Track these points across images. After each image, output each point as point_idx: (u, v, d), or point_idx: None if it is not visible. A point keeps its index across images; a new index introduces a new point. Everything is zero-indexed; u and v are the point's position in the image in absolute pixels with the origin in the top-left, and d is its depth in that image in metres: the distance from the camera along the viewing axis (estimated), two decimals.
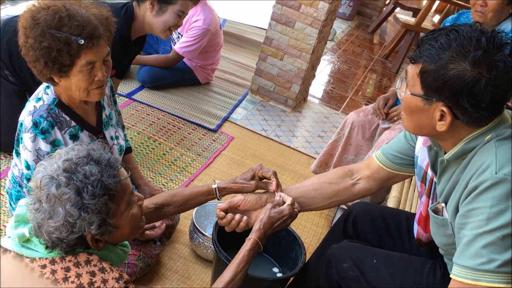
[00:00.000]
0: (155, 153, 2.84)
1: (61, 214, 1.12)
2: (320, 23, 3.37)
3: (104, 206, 1.16)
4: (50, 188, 1.13)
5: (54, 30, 1.47)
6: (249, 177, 1.62)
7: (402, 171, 1.62)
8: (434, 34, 1.22)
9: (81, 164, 1.16)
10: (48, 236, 1.14)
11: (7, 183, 1.93)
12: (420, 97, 1.24)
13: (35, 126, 1.59)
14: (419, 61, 1.22)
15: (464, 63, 1.15)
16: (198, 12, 3.35)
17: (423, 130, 1.30)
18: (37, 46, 1.48)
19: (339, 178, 1.67)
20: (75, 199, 1.12)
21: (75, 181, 1.13)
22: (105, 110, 1.85)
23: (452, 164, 1.32)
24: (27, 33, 1.49)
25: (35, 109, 1.61)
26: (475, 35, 1.16)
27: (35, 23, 1.48)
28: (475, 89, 1.14)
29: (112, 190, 1.18)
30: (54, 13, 1.48)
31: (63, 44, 1.48)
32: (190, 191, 1.64)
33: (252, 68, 4.06)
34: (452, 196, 1.30)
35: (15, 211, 1.26)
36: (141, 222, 1.32)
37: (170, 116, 3.22)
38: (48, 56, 1.49)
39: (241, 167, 2.93)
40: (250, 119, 3.50)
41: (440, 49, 1.18)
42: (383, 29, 6.73)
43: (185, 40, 3.37)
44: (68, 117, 1.67)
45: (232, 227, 1.56)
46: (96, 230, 1.16)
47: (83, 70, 1.54)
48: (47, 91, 1.66)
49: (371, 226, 1.76)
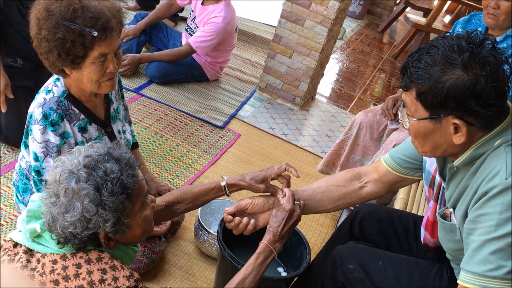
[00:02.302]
0: (162, 148, 2.84)
1: (78, 209, 1.13)
2: (330, 22, 3.35)
3: (121, 205, 1.17)
4: (70, 182, 1.14)
5: (68, 21, 1.48)
6: (260, 180, 1.59)
7: (410, 175, 1.60)
8: (414, 56, 1.22)
9: (102, 161, 1.16)
10: (62, 230, 1.15)
11: (14, 175, 1.94)
12: (427, 118, 1.22)
13: (45, 118, 1.60)
14: (411, 86, 1.21)
15: (455, 70, 1.15)
16: (220, 9, 3.33)
17: (440, 149, 1.27)
18: (51, 37, 1.49)
19: (346, 181, 1.66)
20: (93, 195, 1.13)
21: (95, 177, 1.14)
22: (113, 104, 1.86)
23: (461, 169, 1.30)
24: (40, 24, 1.50)
25: (45, 101, 1.62)
26: (454, 42, 1.17)
27: (49, 14, 1.49)
28: (477, 90, 1.13)
29: (130, 189, 1.18)
30: (68, 4, 1.49)
31: (77, 35, 1.49)
32: (199, 188, 1.63)
33: (260, 65, 4.05)
34: (461, 202, 1.29)
35: (27, 206, 1.26)
36: (150, 226, 1.32)
37: (177, 112, 3.22)
38: (62, 47, 1.50)
39: (248, 165, 2.93)
40: (257, 116, 3.50)
41: (427, 67, 1.18)
42: (393, 28, 6.68)
43: (200, 35, 3.36)
44: (77, 109, 1.69)
45: (240, 230, 1.55)
46: (110, 228, 1.16)
47: (96, 62, 1.55)
48: (57, 83, 1.67)
49: (377, 228, 1.75)
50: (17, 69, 2.32)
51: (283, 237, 1.49)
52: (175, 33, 3.75)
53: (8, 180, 2.26)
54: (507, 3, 2.14)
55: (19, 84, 2.31)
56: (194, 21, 3.51)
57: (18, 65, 2.32)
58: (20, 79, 2.32)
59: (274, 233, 1.47)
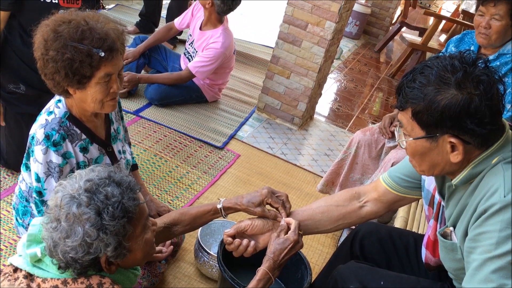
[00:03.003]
0: (161, 170, 2.84)
1: (79, 233, 1.13)
2: (326, 42, 3.39)
3: (122, 228, 1.17)
4: (71, 207, 1.14)
5: (76, 42, 1.51)
6: (257, 202, 1.60)
7: (409, 194, 1.61)
8: (408, 77, 1.24)
9: (103, 185, 1.17)
10: (63, 255, 1.14)
11: (14, 198, 1.93)
12: (424, 137, 1.23)
13: (47, 139, 1.61)
14: (407, 106, 1.23)
15: (450, 90, 1.16)
16: (218, 34, 3.37)
17: (438, 168, 1.28)
18: (59, 57, 1.52)
19: (346, 201, 1.67)
20: (95, 219, 1.13)
21: (96, 201, 1.14)
22: (113, 124, 1.88)
23: (460, 188, 1.31)
24: (48, 45, 1.53)
25: (47, 122, 1.64)
26: (447, 62, 1.19)
27: (57, 35, 1.52)
28: (472, 109, 1.14)
29: (131, 213, 1.19)
30: (76, 26, 1.53)
31: (85, 56, 1.52)
32: (196, 210, 1.63)
33: (259, 86, 4.08)
34: (460, 220, 1.29)
35: (27, 230, 1.26)
36: (152, 249, 1.32)
37: (176, 133, 3.23)
38: (70, 67, 1.53)
39: (247, 185, 2.93)
40: (256, 137, 3.51)
41: (421, 87, 1.19)
42: (389, 48, 6.75)
43: (199, 60, 3.40)
44: (79, 130, 1.71)
45: (240, 252, 1.55)
46: (111, 252, 1.16)
47: (101, 82, 1.59)
48: (59, 104, 1.69)
49: (378, 247, 1.74)
50: (20, 95, 2.34)
51: (282, 265, 1.49)
52: (174, 56, 3.79)
53: (8, 204, 2.26)
54: (498, 22, 2.16)
55: (21, 110, 2.33)
56: (192, 45, 3.55)
57: (21, 91, 2.34)
58: (22, 105, 2.34)
59: (275, 260, 1.47)
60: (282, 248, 1.48)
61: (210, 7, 3.32)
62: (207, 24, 3.44)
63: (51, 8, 2.14)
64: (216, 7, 3.31)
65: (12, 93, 2.31)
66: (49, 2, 2.14)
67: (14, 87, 2.32)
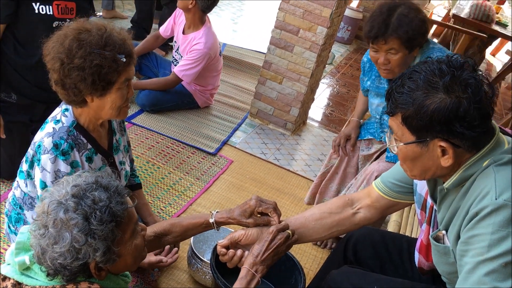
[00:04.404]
0: (154, 177, 2.83)
1: (67, 239, 1.12)
2: (318, 47, 3.40)
3: (111, 233, 1.16)
4: (58, 213, 1.13)
5: (102, 49, 1.54)
6: (248, 214, 1.57)
7: (402, 199, 1.61)
8: (397, 82, 1.25)
9: (90, 190, 1.16)
10: (52, 262, 1.13)
11: (7, 205, 1.92)
12: (414, 142, 1.23)
13: (56, 148, 1.61)
14: (396, 111, 1.24)
15: (438, 94, 1.16)
16: (200, 35, 3.37)
17: (429, 172, 1.28)
18: (87, 65, 1.53)
19: (339, 208, 1.66)
20: (82, 224, 1.12)
21: (84, 206, 1.13)
22: (116, 135, 1.89)
23: (451, 191, 1.31)
24: (71, 54, 1.53)
25: (55, 130, 1.64)
26: (435, 66, 1.20)
27: (82, 43, 1.53)
28: (460, 112, 1.14)
29: (119, 217, 1.18)
30: (98, 33, 1.55)
31: (111, 61, 1.55)
32: (188, 222, 1.62)
33: (251, 91, 4.08)
34: (452, 223, 1.29)
35: (16, 238, 1.24)
36: (143, 253, 1.31)
37: (169, 139, 3.22)
38: (98, 74, 1.55)
39: (240, 191, 2.92)
40: (249, 142, 3.50)
41: (410, 92, 1.20)
42: None
43: (184, 63, 3.39)
44: (85, 139, 1.71)
45: (234, 263, 1.53)
46: (100, 258, 1.15)
47: (122, 87, 1.63)
48: (66, 113, 1.69)
49: (372, 251, 1.74)
50: (11, 104, 2.32)
51: (265, 261, 1.45)
52: (165, 62, 3.78)
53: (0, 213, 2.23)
54: (396, 56, 2.03)
55: (13, 119, 2.32)
56: (178, 52, 3.55)
57: (13, 100, 2.32)
58: (14, 114, 2.33)
59: (255, 255, 1.44)
60: (262, 243, 1.46)
61: (194, 7, 3.31)
62: (190, 27, 3.43)
63: (46, 19, 2.14)
64: (199, 5, 3.30)
65: (4, 101, 2.30)
66: (44, 14, 2.13)
67: (5, 95, 2.30)
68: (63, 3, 2.16)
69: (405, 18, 1.95)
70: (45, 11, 2.13)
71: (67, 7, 2.18)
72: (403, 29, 1.95)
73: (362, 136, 2.53)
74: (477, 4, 5.33)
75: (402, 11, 1.98)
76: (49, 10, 2.13)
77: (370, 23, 2.01)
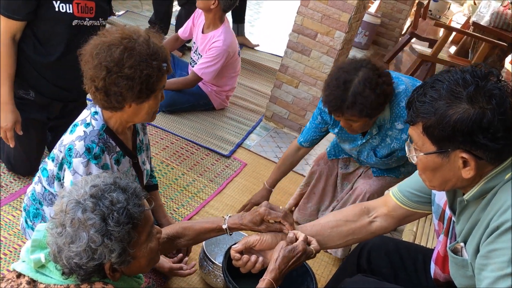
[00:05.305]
0: (168, 177, 2.83)
1: (84, 239, 1.12)
2: (336, 52, 3.38)
3: (127, 235, 1.16)
4: (76, 212, 1.13)
5: (150, 58, 1.56)
6: (258, 222, 1.56)
7: (420, 209, 1.58)
8: (419, 91, 1.22)
9: (108, 191, 1.16)
10: (67, 261, 1.13)
11: (25, 199, 1.93)
12: (435, 153, 1.21)
13: (88, 152, 1.63)
14: (417, 120, 1.21)
15: (461, 104, 1.14)
16: (219, 33, 3.37)
17: (450, 184, 1.26)
18: (138, 74, 1.54)
19: (355, 216, 1.64)
20: (99, 225, 1.12)
21: (101, 207, 1.14)
22: (139, 135, 1.90)
23: (471, 203, 1.28)
24: (122, 63, 1.53)
25: (86, 134, 1.65)
26: (458, 76, 1.17)
27: (132, 53, 1.54)
28: (484, 123, 1.12)
29: (136, 219, 1.18)
30: (145, 42, 1.57)
31: (157, 70, 1.58)
32: (200, 226, 1.62)
33: (266, 95, 4.07)
34: (472, 236, 1.26)
35: (32, 236, 1.25)
36: (157, 257, 1.31)
37: (183, 141, 3.23)
38: (147, 83, 1.57)
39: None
40: (263, 145, 3.49)
41: (432, 102, 1.17)
42: (398, 59, 6.73)
43: (203, 61, 3.39)
44: (114, 142, 1.73)
45: (248, 269, 1.52)
46: (116, 259, 1.15)
47: (159, 94, 1.67)
48: (96, 116, 1.71)
49: (386, 260, 1.72)
50: (29, 102, 2.34)
51: (285, 274, 1.46)
52: (182, 63, 3.80)
53: (13, 209, 2.25)
54: (356, 123, 2.00)
55: (30, 116, 2.34)
56: (196, 52, 3.56)
57: (30, 97, 2.34)
58: (31, 111, 2.35)
59: (281, 270, 1.43)
60: (290, 257, 1.45)
61: (216, 7, 3.32)
62: (209, 27, 3.44)
63: (66, 18, 2.16)
64: (222, 5, 3.31)
65: (22, 99, 2.32)
66: (64, 12, 2.15)
67: (24, 93, 2.33)
68: (83, 2, 2.18)
69: (360, 96, 1.89)
70: (65, 10, 2.15)
71: (86, 6, 2.19)
72: (358, 107, 1.90)
73: (338, 155, 2.50)
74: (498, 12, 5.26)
75: (357, 89, 1.89)
76: (69, 9, 2.15)
77: (327, 95, 1.96)
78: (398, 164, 2.27)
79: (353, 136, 2.23)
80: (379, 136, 2.15)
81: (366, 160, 2.27)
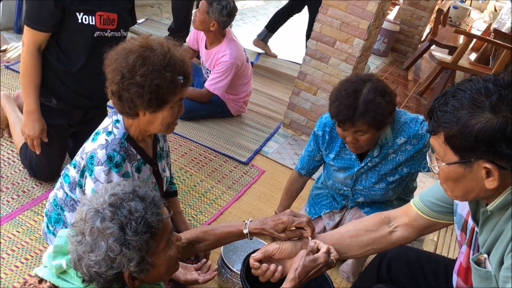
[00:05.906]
0: (186, 184, 2.85)
1: (103, 248, 1.13)
2: (354, 59, 3.37)
3: (145, 244, 1.17)
4: (95, 221, 1.14)
5: (163, 69, 1.56)
6: (280, 230, 1.56)
7: (442, 219, 1.56)
8: (440, 100, 1.20)
9: (127, 200, 1.17)
10: (87, 269, 1.14)
11: (47, 205, 1.96)
12: (458, 163, 1.19)
13: (110, 160, 1.65)
14: (439, 130, 1.19)
15: (484, 113, 1.12)
16: (223, 48, 3.41)
17: (472, 194, 1.24)
18: (148, 83, 1.55)
19: (375, 225, 1.62)
20: (118, 234, 1.13)
21: (120, 216, 1.15)
22: (160, 143, 1.91)
23: (495, 214, 1.25)
24: (134, 70, 1.55)
25: (107, 142, 1.67)
26: (481, 85, 1.15)
27: (145, 61, 1.55)
28: (508, 133, 1.10)
29: (154, 228, 1.18)
30: (161, 53, 1.57)
31: (170, 82, 1.58)
32: (221, 231, 1.62)
33: (285, 102, 4.07)
34: (495, 248, 1.24)
35: (54, 241, 1.27)
36: (176, 264, 1.31)
37: (202, 147, 3.24)
38: (156, 93, 1.57)
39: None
40: (281, 152, 3.49)
41: (454, 111, 1.15)
42: (418, 66, 6.68)
43: (213, 77, 3.43)
44: (135, 150, 1.74)
45: (267, 278, 1.51)
46: (134, 268, 1.16)
47: (174, 106, 1.65)
48: (117, 125, 1.72)
49: (406, 271, 1.69)
50: (51, 109, 2.40)
51: (304, 283, 1.45)
52: (199, 71, 3.82)
53: (35, 214, 2.28)
54: (364, 136, 1.98)
55: (52, 123, 2.38)
56: (204, 67, 3.62)
57: (53, 104, 2.39)
58: (53, 118, 2.39)
59: (301, 279, 1.42)
60: (311, 267, 1.44)
61: (216, 28, 3.35)
62: (212, 43, 3.48)
63: (88, 29, 2.20)
64: (220, 24, 3.34)
65: (44, 106, 2.36)
66: (87, 24, 2.20)
67: (46, 100, 2.37)
68: (105, 14, 2.22)
69: (371, 103, 1.90)
70: (88, 21, 2.19)
71: (109, 18, 2.24)
72: (370, 115, 1.90)
73: (319, 213, 2.43)
74: None
75: (368, 96, 1.90)
76: (92, 21, 2.19)
77: (336, 106, 1.95)
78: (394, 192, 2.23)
79: (350, 163, 2.22)
80: (379, 157, 2.15)
81: (363, 185, 2.23)
